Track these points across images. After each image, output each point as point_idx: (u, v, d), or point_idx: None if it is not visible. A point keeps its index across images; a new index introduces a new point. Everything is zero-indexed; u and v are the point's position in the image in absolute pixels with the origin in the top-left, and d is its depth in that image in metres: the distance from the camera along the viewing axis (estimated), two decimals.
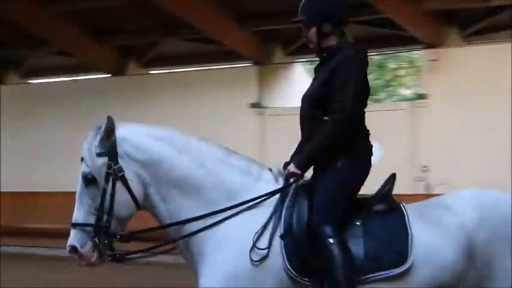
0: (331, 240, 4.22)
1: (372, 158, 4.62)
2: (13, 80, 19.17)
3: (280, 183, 4.52)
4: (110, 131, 4.40)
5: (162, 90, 16.52)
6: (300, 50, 15.69)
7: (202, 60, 16.91)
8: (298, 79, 16.37)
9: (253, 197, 4.43)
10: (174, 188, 4.43)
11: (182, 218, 4.45)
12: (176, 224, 4.46)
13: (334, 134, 4.45)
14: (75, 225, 4.43)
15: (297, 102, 4.77)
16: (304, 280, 4.28)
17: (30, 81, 19.41)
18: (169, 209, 4.46)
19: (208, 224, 4.39)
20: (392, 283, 4.29)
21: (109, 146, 4.39)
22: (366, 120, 4.69)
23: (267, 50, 16.14)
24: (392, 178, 4.65)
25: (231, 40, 15.69)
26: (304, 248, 4.29)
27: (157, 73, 17.74)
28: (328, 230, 4.25)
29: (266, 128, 15.73)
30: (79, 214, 4.42)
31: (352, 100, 4.45)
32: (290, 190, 4.48)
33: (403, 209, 4.48)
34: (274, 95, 16.15)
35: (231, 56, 16.16)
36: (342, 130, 4.44)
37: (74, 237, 4.40)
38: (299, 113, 4.74)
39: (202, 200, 4.44)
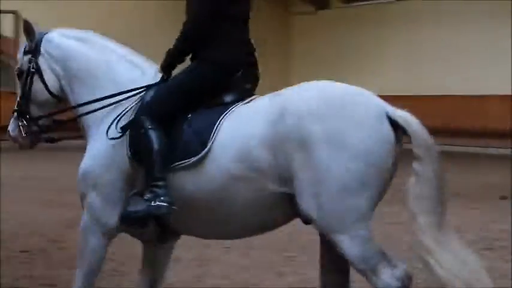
0: (142, 130, 4.52)
1: (228, 66, 4.66)
2: None
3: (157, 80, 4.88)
4: (26, 33, 5.12)
5: None
6: None
7: None
8: None
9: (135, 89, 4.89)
10: (76, 78, 4.99)
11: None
12: (68, 109, 5.09)
13: (179, 40, 4.70)
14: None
15: None
16: (138, 165, 4.62)
17: None
18: (74, 98, 5.01)
19: (91, 109, 4.93)
20: (192, 172, 4.42)
21: (34, 45, 5.09)
22: (238, 27, 4.75)
23: None
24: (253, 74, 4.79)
25: None
26: (134, 137, 4.63)
27: None
28: (144, 120, 4.54)
29: None
30: (16, 103, 5.15)
31: (196, 7, 4.63)
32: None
33: (239, 100, 4.58)
34: None
35: None
36: (184, 37, 4.68)
37: (10, 123, 5.14)
38: None
39: (96, 90, 4.95)
